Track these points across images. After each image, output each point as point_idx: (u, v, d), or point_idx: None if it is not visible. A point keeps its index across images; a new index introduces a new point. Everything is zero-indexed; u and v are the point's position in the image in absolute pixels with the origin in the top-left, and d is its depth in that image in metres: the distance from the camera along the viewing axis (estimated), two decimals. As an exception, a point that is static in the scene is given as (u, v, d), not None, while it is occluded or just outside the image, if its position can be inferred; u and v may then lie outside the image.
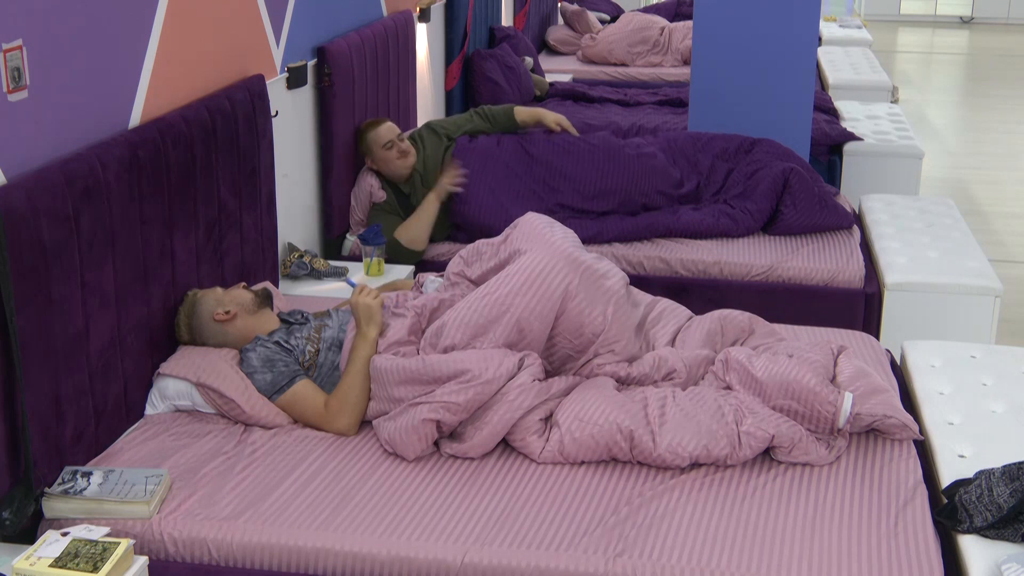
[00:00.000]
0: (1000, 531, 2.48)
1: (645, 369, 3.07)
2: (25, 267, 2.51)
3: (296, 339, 3.15)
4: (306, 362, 3.11)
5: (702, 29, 5.28)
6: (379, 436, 2.91)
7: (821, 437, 2.86)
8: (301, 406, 3.01)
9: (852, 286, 4.18)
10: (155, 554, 2.58)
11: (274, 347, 3.10)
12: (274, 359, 3.06)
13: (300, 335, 3.16)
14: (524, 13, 8.20)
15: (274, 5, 3.96)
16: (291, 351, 3.11)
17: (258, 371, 3.04)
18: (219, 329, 3.16)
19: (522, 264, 3.04)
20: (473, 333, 2.97)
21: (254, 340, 3.13)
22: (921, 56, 12.88)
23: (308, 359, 3.12)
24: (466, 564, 2.48)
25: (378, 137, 4.45)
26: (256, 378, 3.03)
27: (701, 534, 2.54)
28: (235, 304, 3.18)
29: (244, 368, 3.07)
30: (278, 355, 3.07)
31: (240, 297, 3.21)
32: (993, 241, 6.37)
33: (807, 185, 4.50)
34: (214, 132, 3.35)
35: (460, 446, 2.84)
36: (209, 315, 3.16)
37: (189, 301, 3.20)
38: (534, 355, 2.98)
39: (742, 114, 5.21)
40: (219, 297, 3.20)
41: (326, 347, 3.14)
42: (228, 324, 3.16)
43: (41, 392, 2.60)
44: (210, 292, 3.22)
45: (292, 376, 3.03)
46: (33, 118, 2.66)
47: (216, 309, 3.16)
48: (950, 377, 3.28)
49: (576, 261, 3.06)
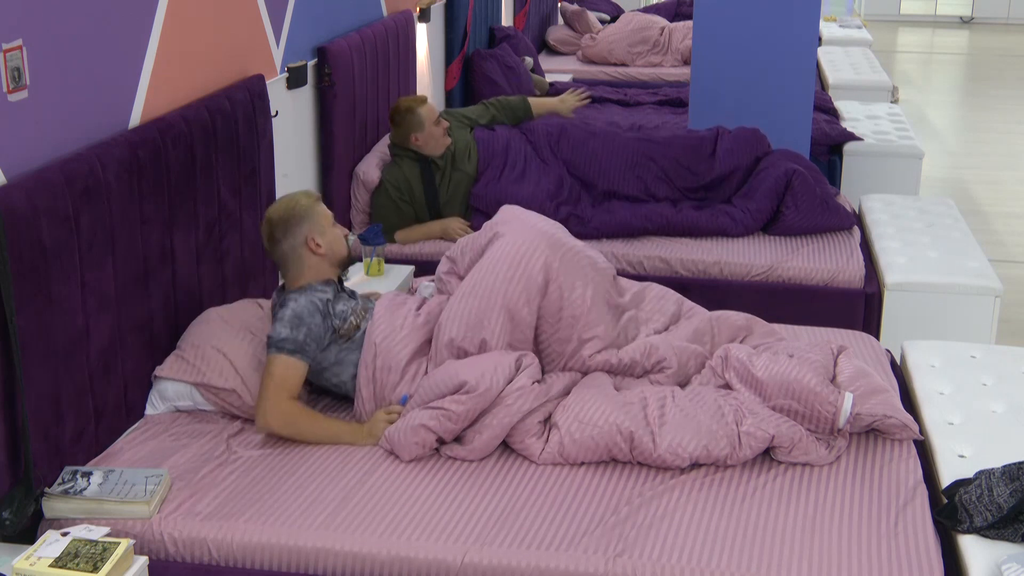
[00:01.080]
0: (1000, 531, 2.48)
1: (636, 356, 3.08)
2: (25, 267, 2.51)
3: (342, 308, 3.10)
4: (344, 331, 3.07)
5: (702, 29, 5.28)
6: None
7: (821, 437, 2.86)
8: (277, 375, 2.91)
9: (852, 286, 4.18)
10: (155, 554, 2.58)
11: (319, 307, 3.02)
12: (306, 323, 2.98)
13: (347, 306, 3.12)
14: (524, 13, 8.20)
15: (274, 5, 3.96)
16: (327, 317, 3.04)
17: (282, 322, 2.96)
18: (299, 252, 3.10)
19: (501, 248, 3.09)
20: (468, 324, 3.00)
21: (307, 288, 3.06)
22: (921, 56, 12.88)
23: (347, 329, 3.08)
24: (466, 564, 2.48)
25: (431, 111, 4.55)
26: (277, 327, 2.96)
27: (701, 534, 2.54)
28: (330, 248, 3.14)
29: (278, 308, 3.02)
30: (314, 320, 2.99)
31: (338, 245, 3.16)
32: (993, 241, 6.37)
33: (809, 187, 4.49)
34: (214, 132, 3.35)
35: (461, 449, 2.84)
36: (305, 236, 3.10)
37: (302, 205, 3.12)
38: (531, 355, 2.99)
39: (742, 114, 5.20)
40: (323, 227, 3.13)
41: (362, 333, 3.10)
42: (309, 256, 3.11)
43: (41, 392, 2.60)
44: (320, 213, 3.14)
45: (303, 350, 2.97)
46: (33, 118, 2.66)
47: (314, 236, 3.11)
48: (950, 377, 3.27)
49: (552, 238, 3.11)
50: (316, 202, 3.17)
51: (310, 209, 3.13)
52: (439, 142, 4.57)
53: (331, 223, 3.17)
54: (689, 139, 4.78)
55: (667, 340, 3.15)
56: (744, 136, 4.76)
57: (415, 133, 4.52)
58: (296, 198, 3.16)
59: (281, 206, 3.14)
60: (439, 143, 4.57)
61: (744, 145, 4.73)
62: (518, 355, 2.96)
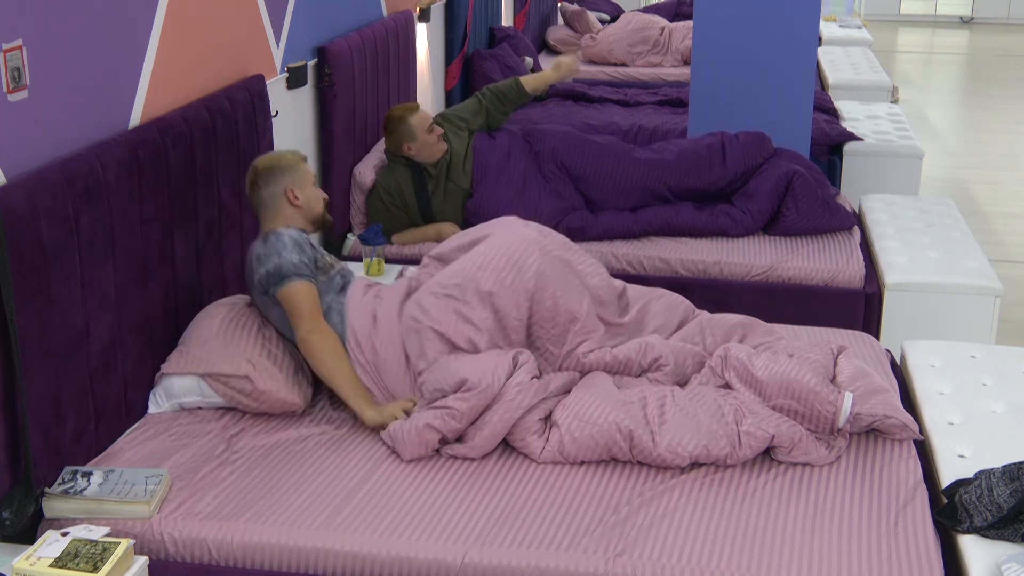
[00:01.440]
0: (1000, 531, 2.48)
1: (631, 354, 3.09)
2: (25, 267, 2.51)
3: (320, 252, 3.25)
4: (321, 263, 3.21)
5: (702, 29, 5.28)
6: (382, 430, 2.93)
7: (821, 437, 2.86)
8: (302, 300, 3.07)
9: (852, 286, 4.18)
10: (155, 554, 2.58)
11: (306, 239, 3.18)
12: (304, 248, 3.14)
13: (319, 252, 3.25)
14: (524, 13, 8.20)
15: (274, 5, 3.96)
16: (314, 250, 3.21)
17: (287, 249, 3.09)
18: (278, 200, 3.23)
19: (490, 243, 3.13)
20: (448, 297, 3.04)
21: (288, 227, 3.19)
22: (921, 56, 12.88)
23: (324, 265, 3.22)
24: (466, 564, 2.48)
25: (423, 120, 4.48)
26: (283, 255, 3.08)
27: (701, 534, 2.54)
28: (307, 202, 3.27)
29: (267, 244, 3.11)
30: (306, 247, 3.15)
31: (315, 203, 3.30)
32: (993, 241, 6.37)
33: (810, 188, 4.48)
34: (214, 132, 3.35)
35: (461, 447, 2.84)
36: (285, 187, 3.22)
37: (288, 159, 3.26)
38: (527, 352, 3.00)
39: (742, 114, 5.20)
40: (303, 182, 3.26)
41: (338, 271, 3.25)
42: (286, 206, 3.23)
43: (41, 392, 2.60)
44: (304, 170, 3.27)
45: (313, 275, 3.12)
46: (33, 118, 2.66)
47: (294, 188, 3.23)
48: (950, 377, 3.28)
49: (544, 247, 3.14)
50: (302, 160, 3.32)
51: (295, 164, 3.29)
52: (432, 149, 4.50)
53: (313, 182, 3.31)
54: (697, 153, 4.69)
55: (662, 340, 3.16)
56: (750, 143, 4.73)
57: (407, 143, 4.46)
58: (283, 153, 3.32)
59: (268, 157, 3.30)
60: (433, 150, 4.50)
61: (751, 152, 4.70)
62: (514, 352, 2.97)
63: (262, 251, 3.13)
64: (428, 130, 4.47)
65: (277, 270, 3.07)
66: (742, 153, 4.68)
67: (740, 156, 4.67)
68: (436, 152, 4.51)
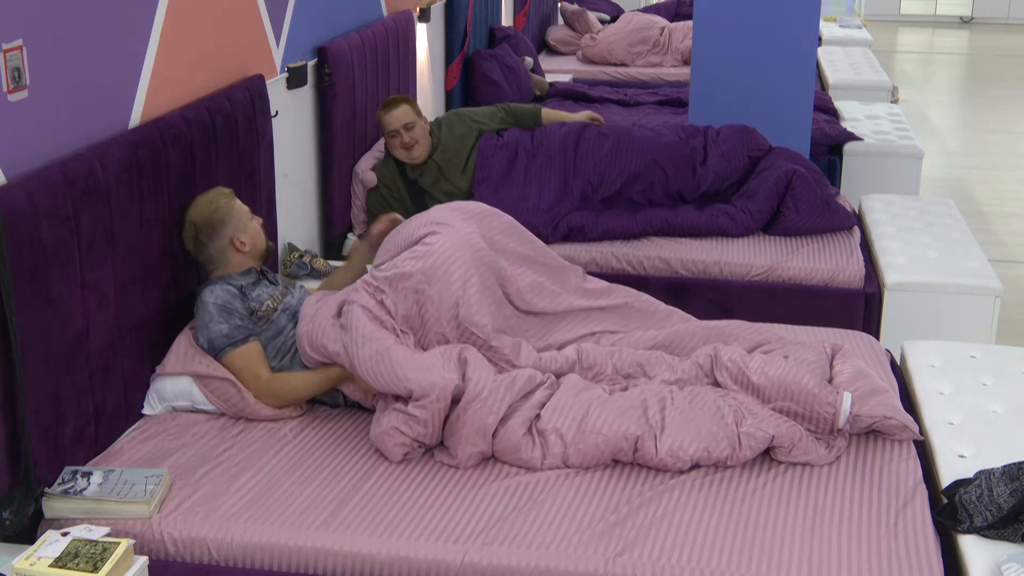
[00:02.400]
0: (1000, 531, 2.48)
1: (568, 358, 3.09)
2: (25, 267, 2.51)
3: (259, 291, 3.18)
4: (261, 313, 3.13)
5: (702, 29, 5.28)
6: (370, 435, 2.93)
7: (821, 437, 2.86)
8: (244, 366, 3.02)
9: (852, 286, 4.18)
10: (155, 554, 2.58)
11: (235, 292, 3.11)
12: (231, 310, 3.07)
13: (265, 291, 3.19)
14: (524, 13, 8.20)
15: (274, 5, 3.96)
16: (244, 300, 3.12)
17: (214, 320, 3.04)
18: (225, 253, 3.17)
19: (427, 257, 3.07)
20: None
21: (220, 279, 3.14)
22: (921, 56, 12.88)
23: (264, 312, 3.14)
24: (466, 564, 2.47)
25: (386, 123, 4.46)
26: (211, 328, 3.03)
27: (701, 534, 2.54)
28: (253, 243, 3.21)
29: (198, 315, 3.06)
30: (234, 305, 3.08)
31: (259, 239, 3.24)
32: (993, 241, 6.36)
33: (810, 188, 4.48)
34: (214, 132, 3.35)
35: (450, 459, 2.84)
36: (229, 237, 3.16)
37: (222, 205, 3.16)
38: (470, 348, 2.97)
39: (742, 114, 5.20)
40: (245, 224, 3.19)
41: (282, 310, 3.17)
42: (234, 255, 3.18)
43: (41, 392, 2.60)
44: (240, 211, 3.19)
45: (248, 333, 3.06)
46: (33, 118, 2.65)
47: (239, 235, 3.18)
48: (950, 377, 3.27)
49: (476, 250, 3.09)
50: (232, 199, 3.23)
51: (229, 207, 3.19)
52: (396, 153, 4.47)
53: (250, 217, 3.24)
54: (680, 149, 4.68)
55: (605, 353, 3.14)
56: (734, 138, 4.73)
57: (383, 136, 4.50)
58: (213, 198, 3.19)
59: (201, 208, 3.17)
60: (397, 154, 4.48)
61: (736, 148, 4.70)
62: (458, 349, 2.94)
63: (197, 320, 3.09)
64: (391, 135, 4.45)
65: (211, 344, 3.04)
66: (726, 150, 4.68)
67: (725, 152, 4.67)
68: (403, 157, 4.48)
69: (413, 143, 4.46)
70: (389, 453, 2.84)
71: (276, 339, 3.13)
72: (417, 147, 4.47)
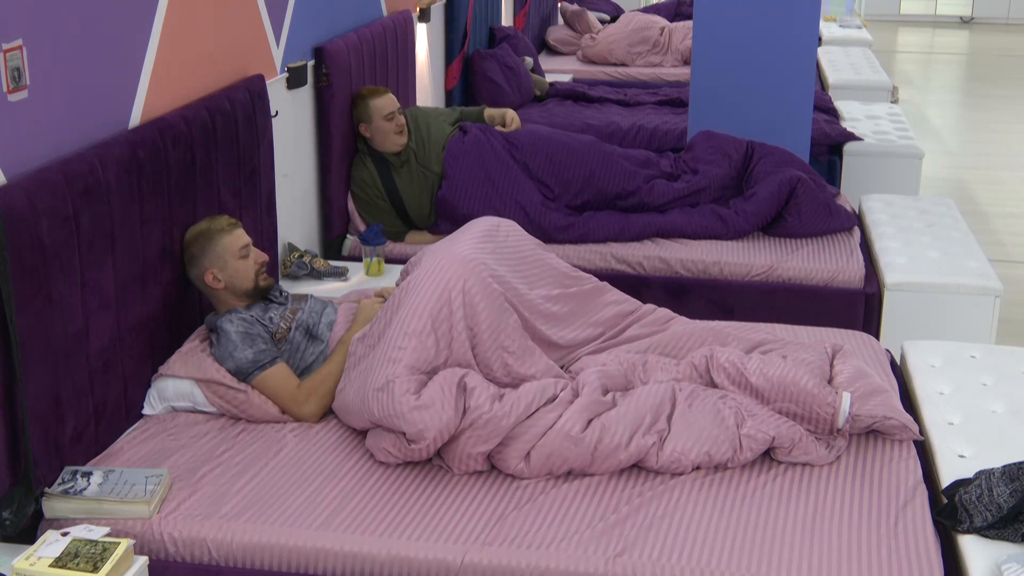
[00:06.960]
0: (1000, 531, 2.49)
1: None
2: (25, 267, 2.51)
3: (272, 314, 3.18)
4: (277, 335, 3.14)
5: (702, 29, 5.28)
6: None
7: (821, 437, 2.86)
8: (276, 387, 3.02)
9: (852, 286, 4.18)
10: (155, 554, 2.58)
11: (252, 321, 3.10)
12: (253, 335, 3.06)
13: (276, 312, 3.19)
14: (524, 13, 8.20)
15: (274, 5, 3.96)
16: (266, 326, 3.13)
17: (239, 348, 3.02)
18: (202, 286, 3.17)
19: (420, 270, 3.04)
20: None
21: (230, 312, 3.11)
22: (921, 56, 12.88)
23: (280, 333, 3.15)
24: (466, 564, 2.48)
25: (381, 107, 4.45)
26: (236, 356, 3.02)
27: (701, 534, 2.54)
28: (230, 282, 3.13)
29: (220, 343, 3.04)
30: (256, 330, 3.08)
31: (240, 279, 3.13)
32: (993, 241, 6.37)
33: (813, 196, 4.46)
34: (214, 132, 3.35)
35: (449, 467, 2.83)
36: (205, 268, 3.13)
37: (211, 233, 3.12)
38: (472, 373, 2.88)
39: (742, 114, 5.20)
40: (225, 261, 3.11)
41: (296, 327, 3.17)
42: (210, 291, 3.16)
43: (41, 392, 2.60)
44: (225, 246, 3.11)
45: (274, 356, 3.06)
46: (33, 118, 2.66)
47: (212, 270, 3.12)
48: (950, 377, 3.27)
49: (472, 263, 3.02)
50: (224, 232, 3.14)
51: (212, 240, 3.12)
52: (389, 139, 4.46)
53: (237, 255, 3.13)
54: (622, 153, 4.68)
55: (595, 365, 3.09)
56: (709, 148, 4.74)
57: (363, 123, 4.46)
58: (204, 226, 3.17)
59: (190, 232, 3.18)
60: (389, 139, 4.46)
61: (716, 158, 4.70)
62: (460, 376, 2.85)
63: (217, 352, 3.05)
64: (387, 117, 4.44)
65: (239, 370, 3.02)
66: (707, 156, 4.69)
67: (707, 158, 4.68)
68: (394, 143, 4.48)
69: (403, 128, 4.50)
70: (384, 459, 2.83)
71: (295, 357, 3.14)
72: (404, 133, 4.50)
